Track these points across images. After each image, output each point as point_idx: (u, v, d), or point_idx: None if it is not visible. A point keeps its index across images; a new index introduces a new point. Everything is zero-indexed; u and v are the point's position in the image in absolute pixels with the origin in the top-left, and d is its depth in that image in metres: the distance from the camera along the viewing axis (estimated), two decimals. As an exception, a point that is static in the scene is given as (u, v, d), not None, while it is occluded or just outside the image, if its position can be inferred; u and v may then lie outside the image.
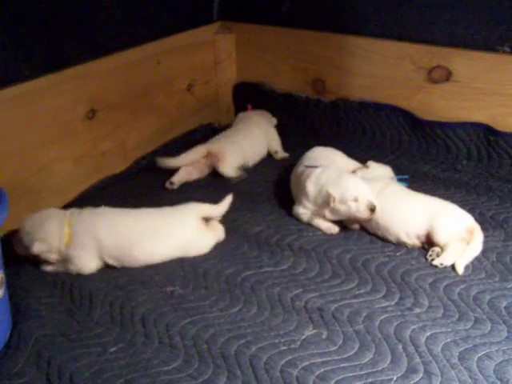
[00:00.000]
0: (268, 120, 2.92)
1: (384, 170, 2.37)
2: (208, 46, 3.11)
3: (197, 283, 1.92)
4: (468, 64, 2.61)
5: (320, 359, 1.58)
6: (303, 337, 1.66)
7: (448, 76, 2.67)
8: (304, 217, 2.24)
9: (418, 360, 1.56)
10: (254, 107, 2.98)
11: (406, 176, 2.35)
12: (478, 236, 2.00)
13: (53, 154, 2.36)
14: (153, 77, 2.79)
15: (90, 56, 2.46)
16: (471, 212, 2.11)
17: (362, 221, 2.13)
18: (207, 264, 2.01)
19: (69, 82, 2.36)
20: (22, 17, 2.18)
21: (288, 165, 2.65)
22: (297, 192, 2.32)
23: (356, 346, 1.62)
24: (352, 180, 2.14)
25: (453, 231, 2.00)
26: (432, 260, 1.97)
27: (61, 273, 1.99)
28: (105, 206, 2.07)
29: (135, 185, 2.59)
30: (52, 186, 2.36)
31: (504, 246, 2.03)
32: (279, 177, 2.62)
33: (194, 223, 2.06)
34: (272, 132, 2.86)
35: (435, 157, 2.70)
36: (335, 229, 2.18)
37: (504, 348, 1.59)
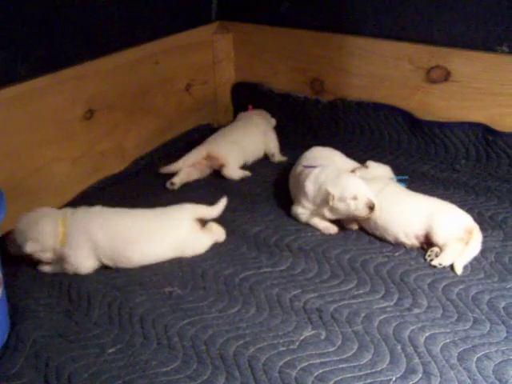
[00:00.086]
0: (267, 121, 2.91)
1: (383, 170, 2.37)
2: (206, 46, 3.10)
3: (195, 284, 1.92)
4: (467, 64, 2.60)
5: (319, 360, 1.57)
6: (302, 337, 1.66)
7: (447, 76, 2.67)
8: (303, 217, 2.24)
9: (417, 360, 1.56)
10: (253, 107, 2.98)
11: (406, 177, 2.35)
12: (477, 236, 2.00)
13: (51, 155, 2.35)
14: (151, 77, 2.78)
15: (88, 56, 2.46)
16: (470, 212, 2.11)
17: (361, 219, 2.13)
18: (206, 264, 2.01)
19: (67, 83, 2.36)
20: (20, 17, 2.18)
21: (286, 165, 2.65)
22: (295, 192, 2.32)
23: (355, 347, 1.62)
24: (351, 178, 2.14)
25: (451, 231, 2.00)
26: (431, 260, 1.96)
27: (59, 274, 1.99)
28: (100, 206, 2.07)
29: (133, 185, 2.59)
30: (50, 187, 2.36)
31: (503, 246, 2.03)
32: (278, 177, 2.62)
33: (188, 224, 2.06)
34: (270, 134, 2.84)
35: (434, 157, 2.69)
36: (334, 229, 2.17)
37: (503, 348, 1.59)
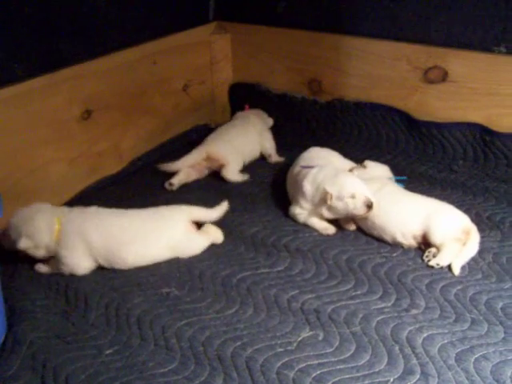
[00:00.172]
0: (264, 121, 2.90)
1: (382, 170, 2.37)
2: (204, 47, 3.10)
3: (193, 285, 1.91)
4: (464, 64, 2.61)
5: (316, 361, 1.57)
6: (300, 338, 1.66)
7: (444, 76, 2.67)
8: (300, 217, 2.23)
9: (415, 361, 1.56)
10: (250, 108, 2.97)
11: (405, 177, 2.35)
12: (475, 237, 2.00)
13: (48, 155, 2.35)
14: (148, 77, 2.78)
15: (86, 56, 2.46)
16: (468, 212, 2.11)
17: (359, 218, 2.13)
18: (203, 265, 2.00)
19: (64, 83, 2.35)
20: (17, 17, 2.17)
21: (284, 165, 2.64)
22: (293, 192, 2.31)
23: (353, 348, 1.62)
24: (349, 177, 2.14)
25: (449, 231, 2.00)
26: (428, 261, 1.96)
27: (55, 274, 1.98)
28: (96, 206, 2.06)
29: (131, 185, 2.58)
30: (47, 187, 2.35)
31: (500, 247, 2.03)
32: (275, 177, 2.61)
33: (183, 226, 2.05)
34: (267, 135, 2.84)
35: (431, 157, 2.69)
36: (332, 229, 2.17)
37: (501, 349, 1.59)
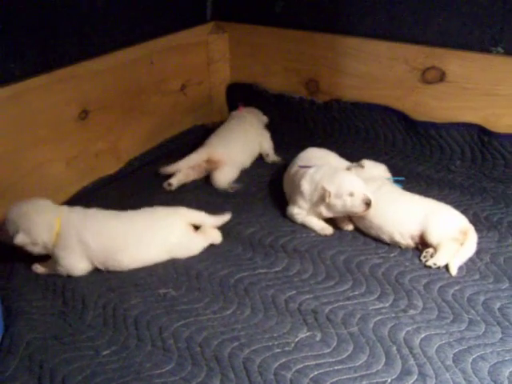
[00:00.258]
0: (259, 119, 2.90)
1: (379, 169, 2.36)
2: (201, 47, 3.09)
3: (190, 285, 1.91)
4: (462, 65, 2.61)
5: (314, 362, 1.57)
6: (297, 339, 1.65)
7: (442, 77, 2.67)
8: (298, 217, 2.23)
9: (413, 362, 1.56)
10: (245, 106, 2.95)
11: (402, 178, 2.35)
12: (472, 237, 2.00)
13: (45, 155, 2.34)
14: (146, 77, 2.77)
15: (83, 56, 2.45)
16: (465, 213, 2.11)
17: (357, 218, 2.13)
18: (200, 266, 2.00)
19: (61, 83, 2.35)
20: (14, 16, 2.17)
21: (281, 165, 2.64)
22: (291, 192, 2.31)
23: (350, 348, 1.62)
24: (347, 175, 2.15)
25: (446, 232, 2.00)
26: (426, 261, 1.96)
27: (53, 275, 1.97)
28: (96, 208, 2.05)
29: (128, 186, 2.58)
30: (44, 187, 2.34)
31: (498, 247, 2.03)
32: (273, 177, 2.61)
33: (180, 228, 2.04)
34: (265, 134, 2.84)
35: (429, 157, 2.69)
36: (329, 230, 2.17)
37: (498, 349, 1.59)
